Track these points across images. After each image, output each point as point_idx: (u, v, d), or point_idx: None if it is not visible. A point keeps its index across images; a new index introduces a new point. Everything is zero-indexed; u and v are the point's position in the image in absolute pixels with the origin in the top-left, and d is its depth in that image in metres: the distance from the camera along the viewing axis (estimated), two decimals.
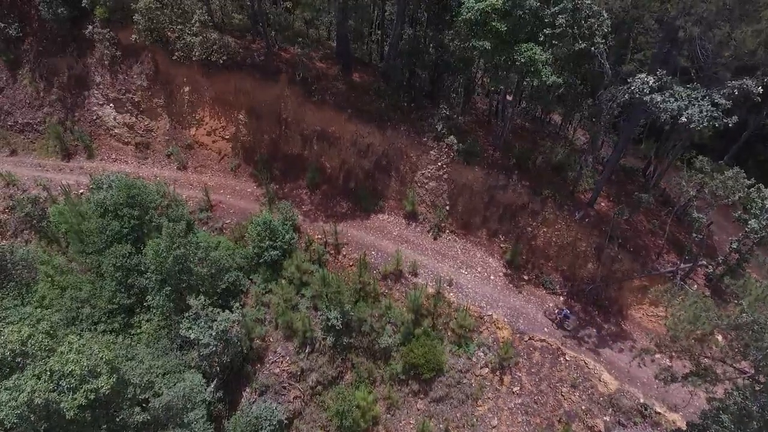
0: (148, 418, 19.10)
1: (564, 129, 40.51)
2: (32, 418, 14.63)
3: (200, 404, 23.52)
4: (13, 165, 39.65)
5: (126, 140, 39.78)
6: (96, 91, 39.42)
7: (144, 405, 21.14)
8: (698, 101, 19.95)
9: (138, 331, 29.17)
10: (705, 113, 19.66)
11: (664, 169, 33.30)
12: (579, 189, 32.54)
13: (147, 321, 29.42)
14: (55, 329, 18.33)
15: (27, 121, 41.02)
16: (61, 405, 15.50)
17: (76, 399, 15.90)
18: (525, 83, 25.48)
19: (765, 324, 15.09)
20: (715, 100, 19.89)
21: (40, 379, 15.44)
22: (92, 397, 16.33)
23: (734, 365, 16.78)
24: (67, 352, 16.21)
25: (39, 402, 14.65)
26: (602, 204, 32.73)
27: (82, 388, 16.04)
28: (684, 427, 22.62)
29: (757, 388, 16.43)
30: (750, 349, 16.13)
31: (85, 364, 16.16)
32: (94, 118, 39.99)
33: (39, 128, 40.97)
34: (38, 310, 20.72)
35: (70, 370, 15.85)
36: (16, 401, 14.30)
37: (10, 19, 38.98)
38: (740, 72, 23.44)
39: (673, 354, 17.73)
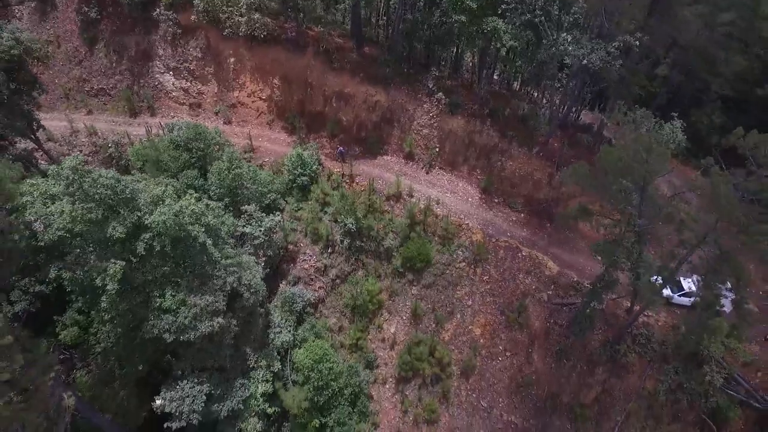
0: (232, 253, 29.04)
1: (533, 95, 50.17)
2: (177, 227, 24.31)
3: (255, 268, 33.14)
4: (90, 121, 49.50)
5: (182, 101, 49.66)
6: (158, 62, 49.35)
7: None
8: (597, 51, 29.56)
9: None
10: (600, 58, 29.30)
11: (605, 118, 42.87)
12: (537, 133, 42.18)
13: None
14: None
15: (101, 87, 50.95)
16: (189, 228, 25.35)
17: (195, 228, 25.73)
18: (491, 47, 35.03)
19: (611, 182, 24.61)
20: (608, 50, 29.50)
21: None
22: (203, 230, 26.15)
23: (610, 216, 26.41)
24: (188, 199, 26.08)
25: (186, 214, 24.36)
26: (555, 145, 42.37)
27: (199, 221, 25.89)
28: (599, 285, 32.26)
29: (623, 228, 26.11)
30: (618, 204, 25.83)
31: (200, 206, 26.03)
32: (156, 83, 49.91)
33: (111, 92, 50.87)
34: (167, 179, 30.54)
35: (192, 209, 25.67)
36: (172, 209, 24.07)
37: (91, 4, 49.04)
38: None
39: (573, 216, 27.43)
